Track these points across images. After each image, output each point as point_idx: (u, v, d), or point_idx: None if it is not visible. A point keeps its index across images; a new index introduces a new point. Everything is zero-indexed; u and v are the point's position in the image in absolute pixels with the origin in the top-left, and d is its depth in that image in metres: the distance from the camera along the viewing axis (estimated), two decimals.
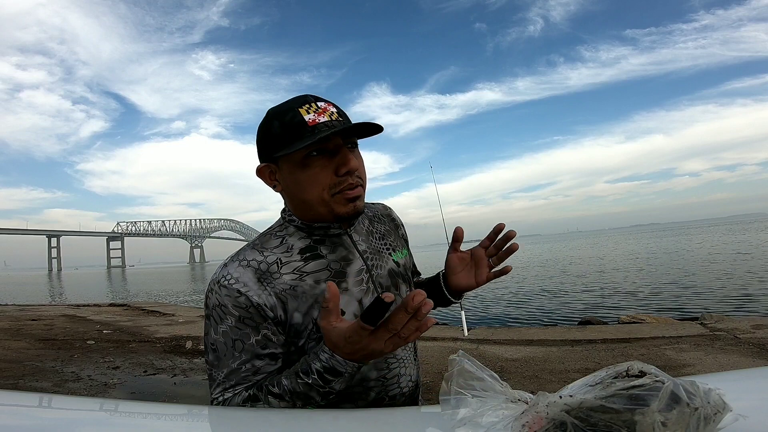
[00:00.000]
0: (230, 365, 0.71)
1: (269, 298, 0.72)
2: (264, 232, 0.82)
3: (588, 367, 3.68)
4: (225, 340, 0.71)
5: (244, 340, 0.71)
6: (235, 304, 0.70)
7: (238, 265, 0.73)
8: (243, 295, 0.70)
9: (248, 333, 0.71)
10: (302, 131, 0.70)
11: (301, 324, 0.73)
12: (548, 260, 27.03)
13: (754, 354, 3.73)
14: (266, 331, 0.72)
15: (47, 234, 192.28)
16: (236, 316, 0.71)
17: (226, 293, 0.71)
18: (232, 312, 0.70)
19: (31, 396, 1.21)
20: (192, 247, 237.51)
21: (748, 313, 7.48)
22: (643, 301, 9.82)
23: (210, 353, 0.73)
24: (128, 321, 8.35)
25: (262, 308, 0.71)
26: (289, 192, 0.77)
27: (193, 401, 3.57)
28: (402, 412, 0.68)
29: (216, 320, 0.72)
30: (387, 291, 0.82)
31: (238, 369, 0.71)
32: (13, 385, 3.93)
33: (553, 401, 0.41)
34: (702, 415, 0.38)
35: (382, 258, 0.84)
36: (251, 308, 0.71)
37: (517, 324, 8.24)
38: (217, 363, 0.72)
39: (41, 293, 27.90)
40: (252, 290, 0.71)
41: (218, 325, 0.71)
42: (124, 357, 5.05)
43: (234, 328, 0.71)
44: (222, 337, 0.71)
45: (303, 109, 0.72)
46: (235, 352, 0.71)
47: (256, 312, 0.71)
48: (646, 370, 0.41)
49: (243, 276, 0.72)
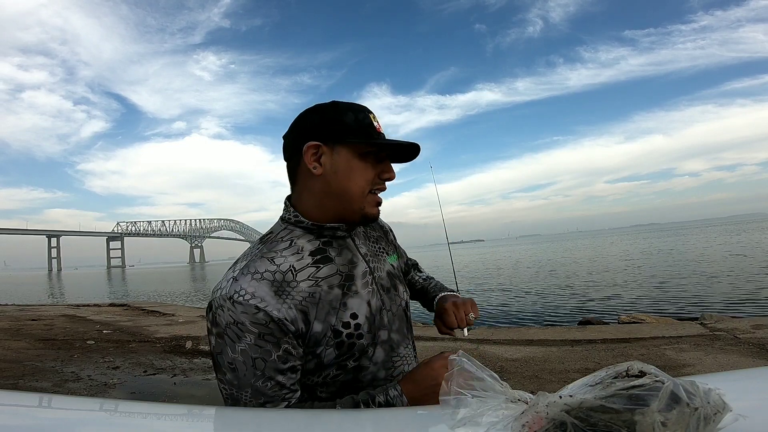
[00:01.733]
0: (253, 384, 0.69)
1: (289, 311, 0.69)
2: (265, 238, 0.80)
3: (588, 367, 3.68)
4: (244, 359, 0.68)
5: (266, 357, 0.68)
6: (254, 321, 0.67)
7: (251, 279, 0.70)
8: (261, 310, 0.68)
9: (269, 350, 0.68)
10: (371, 132, 0.77)
11: (320, 332, 0.72)
12: (548, 260, 27.03)
13: (754, 354, 3.73)
14: (287, 345, 0.70)
15: (47, 234, 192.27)
16: (255, 333, 0.68)
17: (242, 310, 0.68)
18: (251, 329, 0.67)
19: (31, 396, 1.20)
20: (192, 247, 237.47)
21: (748, 313, 7.48)
22: (643, 301, 9.82)
23: (228, 372, 0.69)
24: (128, 321, 8.35)
25: (283, 323, 0.69)
26: (331, 177, 0.76)
27: (193, 401, 3.57)
28: (402, 412, 0.68)
29: (232, 339, 0.68)
30: (388, 292, 0.83)
31: (264, 387, 0.69)
32: (13, 385, 3.93)
33: (553, 401, 0.41)
34: (702, 415, 0.38)
35: (380, 260, 0.87)
36: (271, 324, 0.68)
37: (517, 324, 8.24)
38: (237, 383, 0.69)
39: (41, 293, 27.89)
40: (270, 305, 0.69)
41: (235, 344, 0.68)
42: (124, 357, 5.05)
43: (254, 347, 0.68)
44: (241, 356, 0.68)
45: (372, 115, 0.79)
46: (257, 371, 0.68)
47: (276, 327, 0.68)
48: (646, 370, 0.40)
49: (258, 290, 0.69)
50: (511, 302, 11.00)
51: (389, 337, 0.80)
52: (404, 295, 0.89)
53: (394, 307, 0.83)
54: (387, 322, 0.80)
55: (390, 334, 0.81)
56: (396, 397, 0.69)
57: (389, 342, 0.80)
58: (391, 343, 0.80)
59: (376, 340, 0.78)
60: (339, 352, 0.73)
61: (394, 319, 0.83)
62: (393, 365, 0.81)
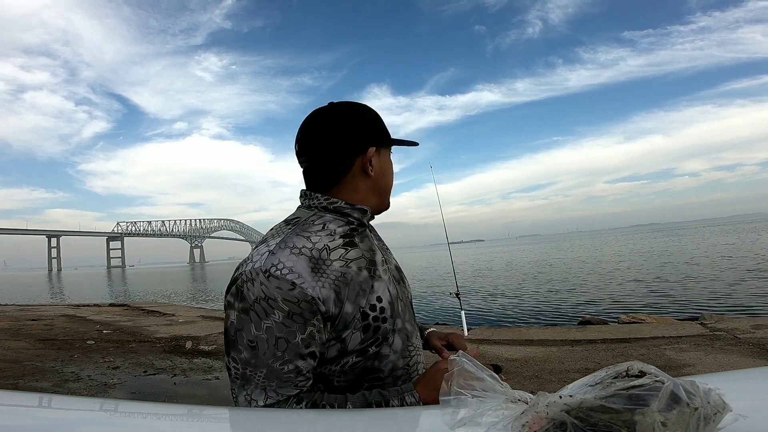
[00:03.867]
0: (270, 365, 0.67)
1: (323, 290, 0.68)
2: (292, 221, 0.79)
3: (588, 367, 3.68)
4: (268, 337, 0.66)
5: (289, 338, 0.66)
6: (286, 298, 0.66)
7: (289, 253, 0.69)
8: (297, 287, 0.66)
9: (294, 331, 0.67)
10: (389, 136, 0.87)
11: (350, 314, 0.72)
12: (548, 260, 27.03)
13: (754, 354, 3.73)
14: (312, 328, 0.68)
15: (47, 234, 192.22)
16: (285, 311, 0.66)
17: (277, 285, 0.66)
18: (282, 306, 0.66)
19: (31, 396, 1.20)
20: (192, 247, 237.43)
21: (748, 313, 7.48)
22: (643, 301, 9.82)
23: (245, 350, 0.67)
24: (128, 321, 8.35)
25: (316, 302, 0.67)
26: (379, 177, 0.84)
27: (193, 401, 3.57)
28: (402, 412, 0.68)
29: (259, 315, 0.66)
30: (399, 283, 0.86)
31: (280, 369, 0.67)
32: (13, 385, 3.93)
33: (553, 401, 0.41)
34: (702, 415, 0.38)
35: (389, 253, 0.91)
36: (303, 303, 0.66)
37: (517, 324, 8.24)
38: (254, 362, 0.67)
39: (41, 293, 27.90)
40: (306, 282, 0.67)
41: (261, 321, 0.66)
42: (124, 357, 5.05)
43: (280, 325, 0.66)
44: (265, 333, 0.66)
45: None
46: (278, 351, 0.66)
47: (307, 307, 0.67)
48: (646, 370, 0.40)
49: (297, 265, 0.68)
50: (511, 302, 11.00)
51: (403, 326, 0.82)
52: (410, 289, 0.93)
53: (404, 299, 0.86)
54: (401, 311, 0.82)
55: (404, 323, 0.82)
56: (413, 404, 0.69)
57: (404, 331, 0.81)
58: (406, 332, 0.82)
59: (395, 327, 0.79)
60: (364, 337, 0.73)
61: (406, 310, 0.85)
62: (409, 354, 0.82)
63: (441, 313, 9.99)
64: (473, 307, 10.42)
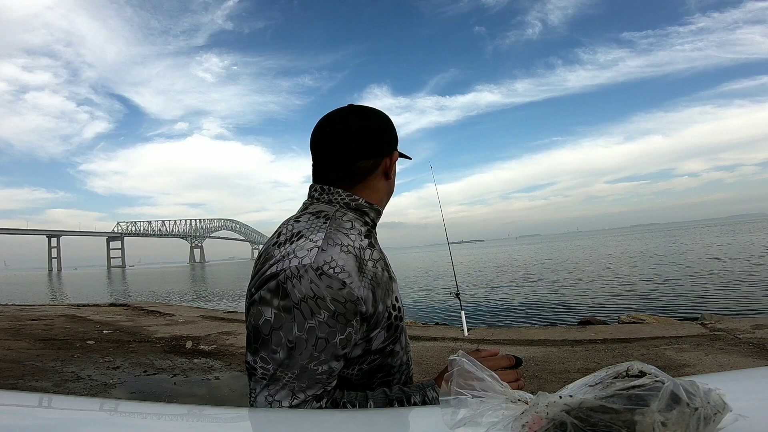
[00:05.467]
0: (305, 365, 0.64)
1: (366, 290, 0.67)
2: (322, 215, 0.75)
3: (588, 367, 3.68)
4: (308, 337, 0.63)
5: (329, 338, 0.64)
6: (335, 298, 0.64)
7: (339, 251, 0.67)
8: (347, 287, 0.65)
9: (335, 331, 0.64)
10: None
11: (381, 313, 0.71)
12: (548, 260, 27.03)
13: (754, 354, 3.73)
14: (351, 329, 0.66)
15: (47, 234, 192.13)
16: (331, 311, 0.63)
17: (328, 284, 0.64)
18: (329, 306, 0.63)
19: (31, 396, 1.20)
20: (192, 247, 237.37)
21: (748, 313, 7.48)
22: (643, 301, 9.82)
23: (282, 350, 0.63)
24: (128, 321, 8.35)
25: (360, 303, 0.66)
26: (392, 181, 0.87)
27: (193, 401, 3.57)
28: (402, 412, 0.68)
29: (304, 314, 0.63)
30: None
31: (314, 370, 0.64)
32: (13, 385, 3.93)
33: (553, 401, 0.41)
34: (702, 415, 0.38)
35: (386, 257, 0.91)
36: (349, 303, 0.65)
37: (517, 324, 8.24)
38: (288, 362, 0.63)
39: (41, 293, 27.89)
40: (355, 282, 0.66)
41: (305, 321, 0.63)
42: (124, 357, 5.05)
43: (324, 325, 0.63)
44: (306, 334, 0.63)
45: None
46: (315, 352, 0.64)
47: (352, 307, 0.65)
48: (646, 370, 0.40)
49: (347, 264, 0.66)
50: (512, 302, 11.00)
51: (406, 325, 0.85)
52: None
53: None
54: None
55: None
56: (435, 399, 0.69)
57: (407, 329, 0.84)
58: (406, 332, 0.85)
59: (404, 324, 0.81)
60: (387, 335, 0.74)
61: None
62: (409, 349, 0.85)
63: (441, 313, 9.99)
64: (473, 307, 10.42)
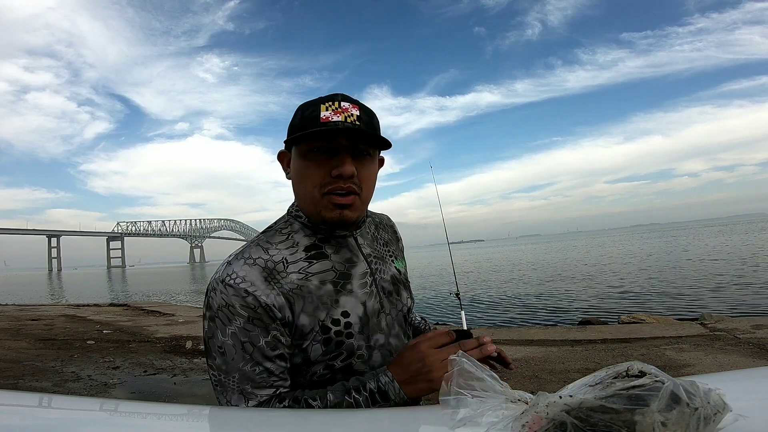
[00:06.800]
0: (241, 368, 0.69)
1: (277, 298, 0.70)
2: (268, 228, 0.81)
3: (588, 367, 3.68)
4: (234, 342, 0.69)
5: (254, 342, 0.69)
6: (243, 305, 0.69)
7: (243, 264, 0.72)
8: (251, 294, 0.69)
9: (257, 335, 0.69)
10: (312, 125, 0.72)
11: (307, 326, 0.72)
12: (548, 260, 27.02)
13: (754, 354, 3.73)
14: (275, 332, 0.70)
15: (47, 234, 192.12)
16: (245, 316, 0.69)
17: (233, 293, 0.69)
18: (241, 313, 0.68)
19: (31, 396, 1.20)
20: (192, 247, 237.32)
21: (748, 313, 7.47)
22: (643, 301, 9.82)
23: (218, 357, 0.70)
24: (128, 321, 8.35)
25: (271, 309, 0.69)
26: (294, 182, 0.79)
27: (193, 401, 3.57)
28: (402, 412, 0.68)
29: (223, 321, 0.69)
30: (389, 296, 0.83)
31: (252, 371, 0.69)
32: (13, 385, 3.93)
33: (553, 401, 0.41)
34: (702, 415, 0.38)
35: (385, 263, 0.86)
36: (260, 309, 0.69)
37: (517, 324, 8.24)
38: (225, 368, 0.69)
39: (41, 293, 27.89)
40: (260, 290, 0.69)
41: (226, 327, 0.69)
42: (124, 357, 5.05)
43: (243, 330, 0.68)
44: (231, 339, 0.69)
45: (324, 105, 0.73)
46: (245, 355, 0.69)
47: (264, 313, 0.69)
48: (646, 370, 0.40)
49: (249, 275, 0.70)
50: (512, 302, 11.00)
51: (387, 341, 0.79)
52: (407, 302, 0.87)
53: (394, 312, 0.82)
54: (385, 326, 0.79)
55: (388, 339, 0.79)
56: (387, 383, 0.68)
57: (387, 347, 0.79)
58: (390, 348, 0.79)
59: (372, 343, 0.77)
60: (326, 349, 0.73)
61: (394, 324, 0.82)
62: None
63: (441, 313, 9.99)
64: (474, 306, 10.42)
